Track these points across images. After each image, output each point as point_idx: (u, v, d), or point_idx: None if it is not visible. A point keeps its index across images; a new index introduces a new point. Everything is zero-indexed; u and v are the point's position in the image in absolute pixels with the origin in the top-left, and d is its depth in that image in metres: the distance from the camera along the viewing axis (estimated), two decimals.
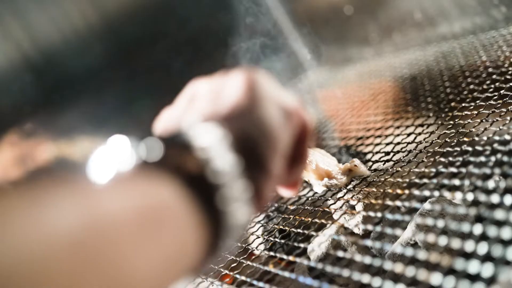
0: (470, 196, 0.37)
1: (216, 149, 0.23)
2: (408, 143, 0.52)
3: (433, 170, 0.43)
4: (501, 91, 0.52)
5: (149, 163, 0.23)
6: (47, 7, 1.02)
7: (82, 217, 0.18)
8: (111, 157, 0.23)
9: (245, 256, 0.48)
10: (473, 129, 0.48)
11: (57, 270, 0.17)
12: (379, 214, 0.41)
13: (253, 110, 0.26)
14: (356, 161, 0.48)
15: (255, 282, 0.42)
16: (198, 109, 0.27)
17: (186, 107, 0.29)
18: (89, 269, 0.17)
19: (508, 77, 0.54)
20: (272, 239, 0.48)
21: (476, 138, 0.45)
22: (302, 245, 0.44)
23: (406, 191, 0.42)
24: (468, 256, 0.31)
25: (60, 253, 0.17)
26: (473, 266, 0.30)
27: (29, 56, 1.02)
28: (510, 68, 0.56)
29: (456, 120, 0.51)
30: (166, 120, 0.29)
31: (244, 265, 0.46)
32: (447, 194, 0.40)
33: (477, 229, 0.33)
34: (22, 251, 0.16)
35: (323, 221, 0.46)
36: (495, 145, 0.42)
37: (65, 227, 0.18)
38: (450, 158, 0.44)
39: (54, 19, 1.03)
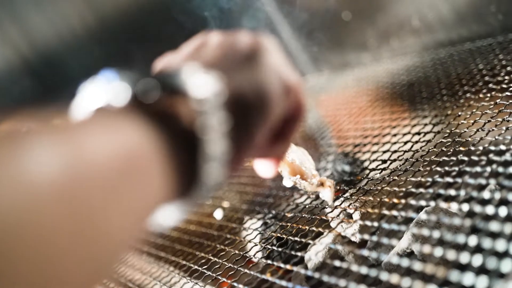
0: (465, 207, 0.37)
1: (210, 103, 0.23)
2: (405, 151, 0.53)
3: (429, 179, 0.44)
4: (497, 100, 0.52)
5: (140, 102, 0.22)
6: (45, 10, 1.03)
7: (66, 165, 0.17)
8: (100, 91, 0.23)
9: (243, 264, 0.48)
10: (469, 139, 0.48)
11: (41, 224, 0.16)
12: (375, 224, 0.41)
13: (255, 73, 0.26)
14: (332, 185, 0.48)
15: None
16: (202, 57, 0.27)
17: (190, 53, 0.28)
18: (75, 221, 0.17)
19: (504, 86, 0.54)
20: (269, 247, 0.49)
21: (472, 148, 0.46)
22: (299, 253, 0.44)
23: (403, 201, 0.42)
24: (463, 267, 0.32)
25: (44, 205, 0.16)
26: (468, 278, 0.30)
27: (28, 59, 1.02)
28: (506, 77, 0.56)
29: (453, 129, 0.52)
30: (167, 62, 0.28)
31: (241, 273, 0.46)
32: (443, 204, 0.41)
33: (472, 240, 0.33)
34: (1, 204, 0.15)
35: (320, 229, 0.46)
36: (491, 155, 0.42)
37: (48, 175, 0.17)
38: (446, 168, 0.45)
39: (52, 22, 1.03)
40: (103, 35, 1.06)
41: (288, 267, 0.43)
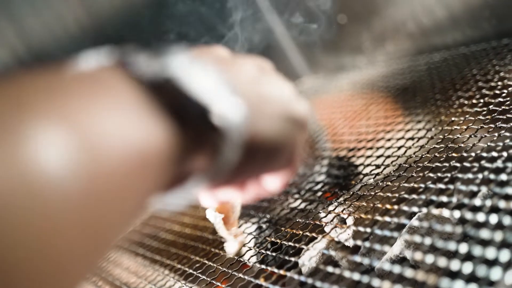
0: (457, 214, 0.38)
1: (231, 142, 0.22)
2: (399, 156, 0.53)
3: (422, 185, 0.44)
4: (490, 106, 0.52)
5: (161, 87, 0.20)
6: (40, 12, 1.03)
7: (79, 164, 0.15)
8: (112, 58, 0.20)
9: (237, 268, 0.48)
10: (462, 144, 0.48)
11: (43, 242, 0.14)
12: (368, 229, 0.42)
13: (284, 132, 0.26)
14: (242, 242, 0.46)
15: None
16: (248, 83, 0.25)
17: (238, 67, 0.25)
18: (85, 234, 0.15)
19: (497, 92, 0.55)
20: (263, 251, 0.49)
21: (465, 154, 0.46)
22: (293, 258, 0.45)
23: (395, 206, 0.43)
24: (453, 275, 0.32)
25: (51, 213, 0.14)
26: (458, 286, 0.31)
27: (24, 60, 1.02)
28: (499, 83, 0.57)
29: (446, 134, 0.52)
30: (213, 57, 0.25)
31: (236, 277, 0.47)
32: (435, 211, 0.41)
33: (463, 247, 0.34)
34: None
35: (314, 234, 0.47)
36: (483, 162, 0.43)
37: (57, 173, 0.14)
38: (439, 174, 0.45)
39: (47, 23, 1.03)
40: (98, 36, 1.06)
41: (282, 272, 0.43)
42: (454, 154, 0.47)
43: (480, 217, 0.36)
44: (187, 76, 0.20)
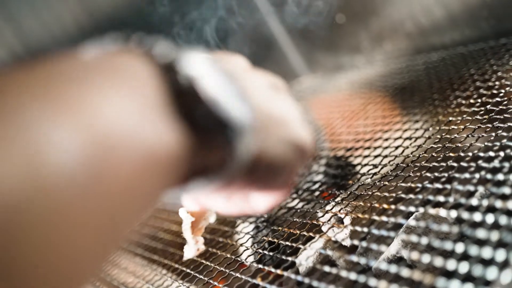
0: (453, 214, 0.38)
1: (241, 159, 0.22)
2: (396, 156, 0.53)
3: (419, 185, 0.44)
4: (487, 106, 0.52)
5: (179, 90, 0.19)
6: (39, 12, 1.03)
7: (89, 157, 0.15)
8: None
9: (234, 267, 0.48)
10: (459, 144, 0.48)
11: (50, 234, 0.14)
12: (365, 229, 0.42)
13: (288, 143, 0.25)
14: (200, 250, 0.46)
15: None
16: (257, 88, 0.25)
17: (252, 74, 0.25)
18: (94, 231, 0.15)
19: (494, 91, 0.55)
20: (261, 251, 0.49)
21: (462, 154, 0.46)
22: (290, 258, 0.45)
23: (393, 206, 0.43)
24: (449, 274, 0.32)
25: (60, 207, 0.14)
26: (454, 286, 0.31)
27: (22, 60, 1.01)
28: (496, 83, 0.57)
29: (443, 134, 0.52)
30: (232, 66, 0.25)
31: (233, 277, 0.47)
32: (431, 211, 0.41)
33: (459, 247, 0.34)
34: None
35: (311, 234, 0.47)
36: (480, 162, 0.43)
37: (68, 166, 0.14)
38: (436, 174, 0.45)
39: (47, 24, 1.03)
40: (98, 37, 1.06)
41: (279, 271, 0.43)
42: (451, 154, 0.47)
43: (477, 216, 0.36)
44: (205, 79, 0.20)
